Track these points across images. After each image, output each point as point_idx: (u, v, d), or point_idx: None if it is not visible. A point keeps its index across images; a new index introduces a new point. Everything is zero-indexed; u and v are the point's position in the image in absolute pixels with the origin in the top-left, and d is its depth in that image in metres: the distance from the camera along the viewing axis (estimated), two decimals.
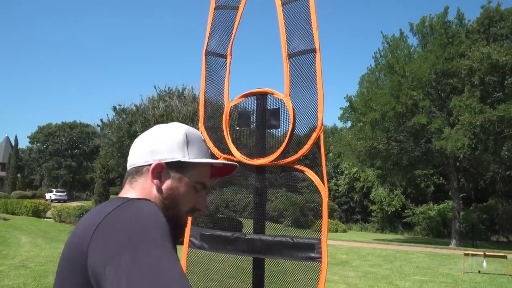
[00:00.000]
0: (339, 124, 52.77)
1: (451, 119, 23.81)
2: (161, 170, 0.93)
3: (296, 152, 1.67)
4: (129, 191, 0.95)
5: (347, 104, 29.62)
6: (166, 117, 21.07)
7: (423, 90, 24.41)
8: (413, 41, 41.49)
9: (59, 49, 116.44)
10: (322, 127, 1.65)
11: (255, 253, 1.71)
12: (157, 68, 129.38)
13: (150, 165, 0.93)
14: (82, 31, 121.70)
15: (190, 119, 20.59)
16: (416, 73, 23.62)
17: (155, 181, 0.93)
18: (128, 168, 0.98)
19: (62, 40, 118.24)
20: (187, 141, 0.96)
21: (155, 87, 32.76)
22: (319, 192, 1.63)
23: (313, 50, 1.68)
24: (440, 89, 25.70)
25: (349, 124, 31.75)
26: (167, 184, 0.93)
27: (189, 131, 0.98)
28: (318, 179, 1.64)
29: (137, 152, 0.97)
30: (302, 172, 1.68)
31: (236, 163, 1.03)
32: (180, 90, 24.23)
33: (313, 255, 1.63)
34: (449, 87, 25.09)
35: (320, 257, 1.62)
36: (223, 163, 1.00)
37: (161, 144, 0.95)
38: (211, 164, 0.99)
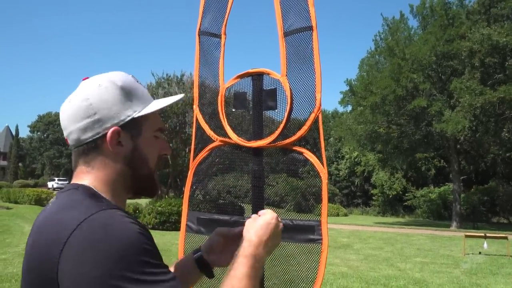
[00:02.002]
0: (340, 109, 52.66)
1: (451, 102, 23.71)
2: (119, 136, 0.86)
3: (294, 134, 1.64)
4: (88, 174, 0.87)
5: (347, 88, 29.48)
6: None
7: (423, 73, 24.26)
8: (413, 23, 41.08)
9: (58, 39, 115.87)
10: (321, 108, 1.62)
11: None
12: (155, 55, 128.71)
13: (103, 136, 0.86)
14: (80, 20, 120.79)
15: (190, 106, 20.56)
16: (416, 55, 23.43)
17: (117, 149, 0.87)
18: (72, 143, 0.88)
19: (60, 29, 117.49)
20: (127, 93, 0.88)
21: (152, 74, 32.61)
22: (319, 174, 1.61)
23: (310, 28, 1.63)
24: (440, 71, 25.54)
25: (349, 108, 31.67)
26: (128, 147, 0.88)
27: (123, 82, 0.89)
28: (317, 160, 1.62)
29: (77, 124, 0.86)
30: (301, 153, 1.65)
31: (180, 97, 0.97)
32: (179, 76, 24.09)
33: (313, 237, 1.62)
34: (450, 69, 24.94)
35: (321, 239, 1.60)
36: (173, 102, 0.94)
37: (103, 108, 0.85)
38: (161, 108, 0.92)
